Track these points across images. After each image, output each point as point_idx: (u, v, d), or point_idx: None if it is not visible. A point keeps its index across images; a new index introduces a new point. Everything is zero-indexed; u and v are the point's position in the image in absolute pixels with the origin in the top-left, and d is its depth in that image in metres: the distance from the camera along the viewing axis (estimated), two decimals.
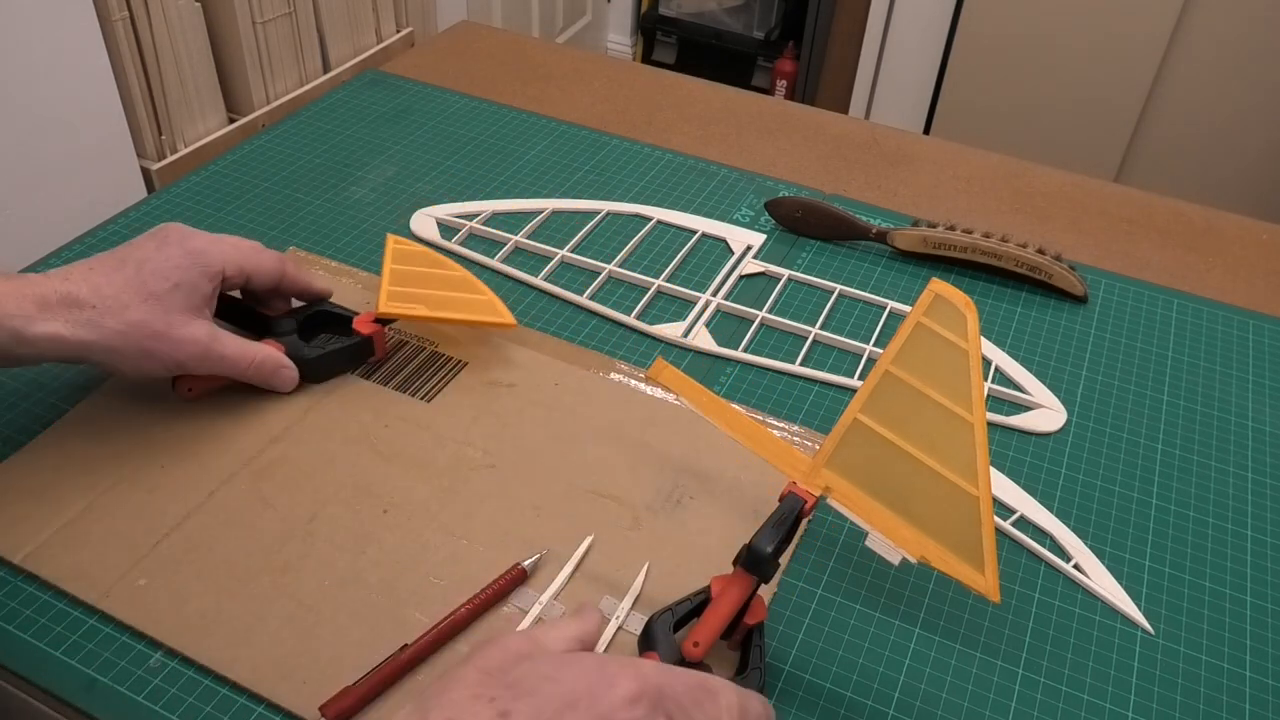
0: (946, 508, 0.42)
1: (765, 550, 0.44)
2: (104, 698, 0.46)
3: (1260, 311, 0.74)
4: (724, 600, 0.44)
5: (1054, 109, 1.99)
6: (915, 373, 0.43)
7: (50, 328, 0.47)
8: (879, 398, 0.44)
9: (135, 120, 1.05)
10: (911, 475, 0.43)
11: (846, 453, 0.45)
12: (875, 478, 0.44)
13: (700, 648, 0.43)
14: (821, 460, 0.45)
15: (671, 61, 2.61)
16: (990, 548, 0.41)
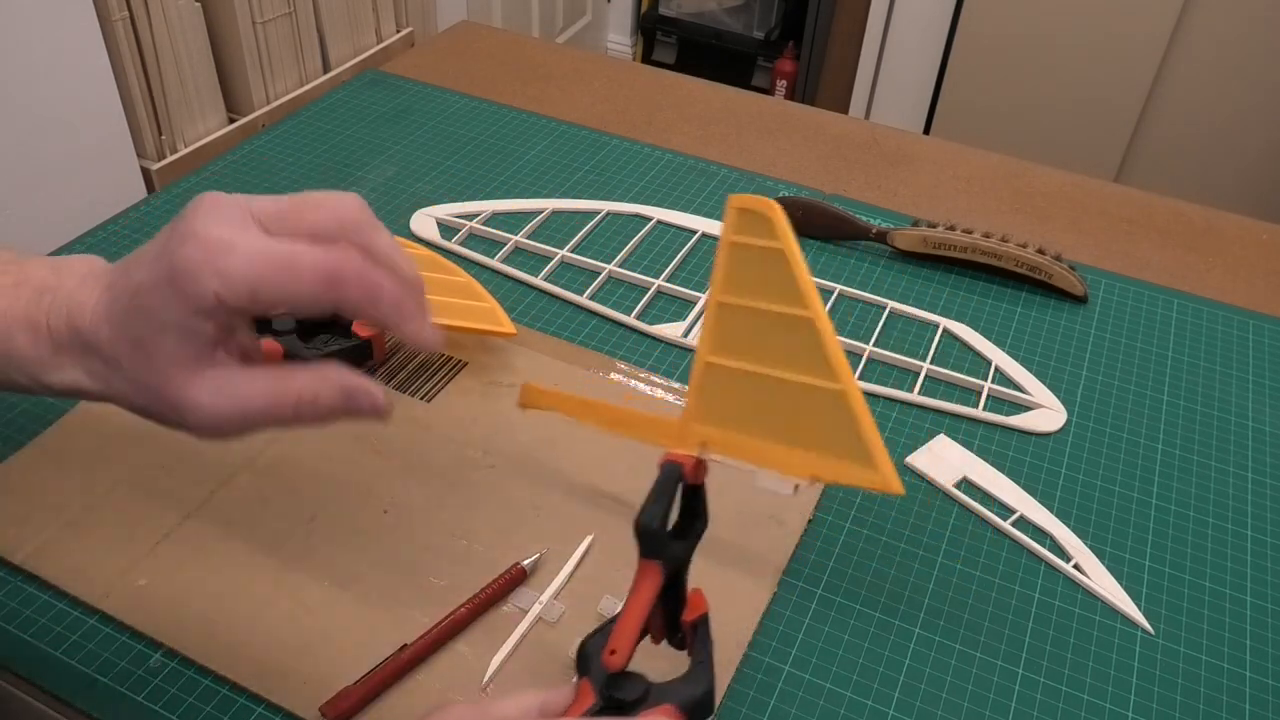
0: (819, 415, 0.39)
1: (651, 526, 0.39)
2: (104, 698, 0.46)
3: (1260, 311, 0.74)
4: (633, 597, 0.40)
5: (1054, 109, 1.99)
6: (745, 293, 0.41)
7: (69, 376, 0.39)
8: (721, 332, 0.42)
9: (135, 120, 1.05)
10: (777, 397, 0.40)
11: (709, 400, 0.42)
12: (746, 414, 0.41)
13: (618, 655, 0.39)
14: (689, 417, 0.42)
15: (671, 61, 2.61)
16: (872, 438, 0.38)
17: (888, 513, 0.56)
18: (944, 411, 0.63)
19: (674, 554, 0.41)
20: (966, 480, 0.59)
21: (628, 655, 0.39)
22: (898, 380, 0.65)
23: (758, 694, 0.47)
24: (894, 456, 0.60)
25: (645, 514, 0.40)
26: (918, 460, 0.59)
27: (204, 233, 0.37)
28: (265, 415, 0.38)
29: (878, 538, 0.55)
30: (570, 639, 0.48)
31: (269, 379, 0.38)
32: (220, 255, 0.37)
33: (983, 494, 0.58)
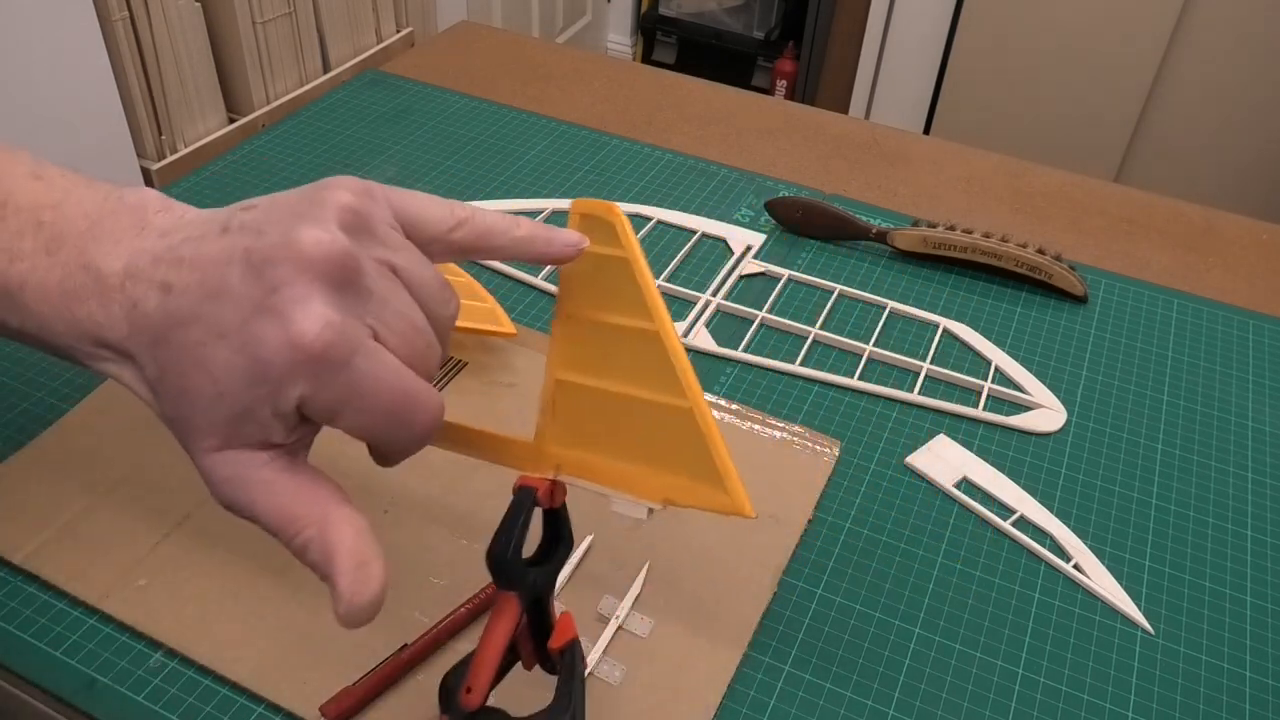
0: (669, 434, 0.37)
1: (504, 557, 0.36)
2: (104, 698, 0.46)
3: (1260, 311, 0.74)
4: (489, 632, 0.38)
5: (1054, 109, 1.99)
6: (591, 304, 0.38)
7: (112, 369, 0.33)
8: (569, 348, 0.39)
9: (135, 120, 1.05)
10: (628, 416, 0.38)
11: (562, 419, 0.39)
12: (599, 434, 0.38)
13: (475, 693, 0.37)
14: (542, 440, 0.39)
15: (671, 61, 2.61)
16: (722, 458, 0.36)
17: (888, 513, 0.57)
18: (944, 411, 0.63)
19: (533, 582, 0.38)
20: (966, 480, 0.59)
21: (485, 692, 0.37)
22: (898, 380, 0.65)
23: (758, 694, 0.47)
24: (894, 456, 0.60)
25: (497, 544, 0.37)
26: (918, 460, 0.59)
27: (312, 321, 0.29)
28: (268, 528, 0.33)
29: (878, 538, 0.55)
30: None
31: (285, 503, 0.32)
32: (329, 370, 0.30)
33: (983, 494, 0.58)
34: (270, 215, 0.31)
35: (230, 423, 0.30)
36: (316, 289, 0.30)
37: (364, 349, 0.30)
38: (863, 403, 0.64)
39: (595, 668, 0.47)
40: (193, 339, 0.30)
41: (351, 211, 0.31)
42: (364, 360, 0.30)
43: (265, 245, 0.30)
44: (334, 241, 0.30)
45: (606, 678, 0.47)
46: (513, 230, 0.36)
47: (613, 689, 0.47)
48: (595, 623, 0.49)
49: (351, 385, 0.30)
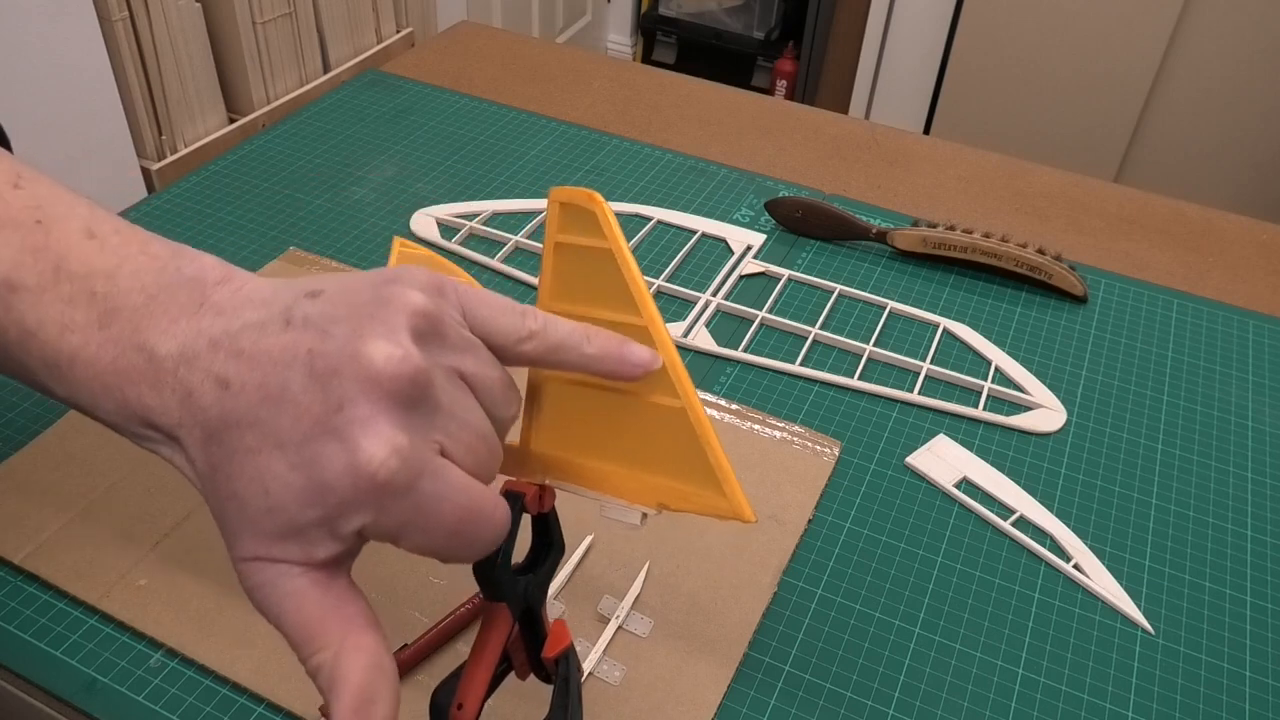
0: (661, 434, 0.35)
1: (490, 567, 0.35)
2: (104, 698, 0.46)
3: (1260, 311, 0.74)
4: (479, 645, 0.36)
5: (1054, 109, 1.99)
6: (576, 298, 0.37)
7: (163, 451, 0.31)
8: None
9: (135, 120, 1.05)
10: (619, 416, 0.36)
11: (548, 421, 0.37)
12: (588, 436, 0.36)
13: (466, 710, 0.35)
14: (528, 441, 0.38)
15: (671, 61, 2.61)
16: (719, 461, 0.34)
17: (888, 513, 0.57)
18: (944, 411, 0.63)
19: (523, 592, 0.37)
20: (966, 480, 0.59)
21: (477, 709, 0.35)
22: (898, 380, 0.65)
23: (758, 694, 0.47)
24: (894, 456, 0.60)
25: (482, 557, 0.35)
26: (918, 460, 0.59)
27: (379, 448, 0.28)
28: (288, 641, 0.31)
29: (878, 538, 0.55)
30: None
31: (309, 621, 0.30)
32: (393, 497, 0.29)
33: (983, 494, 0.58)
34: (337, 309, 0.30)
35: (277, 536, 0.29)
36: (384, 409, 0.28)
37: (429, 470, 0.29)
38: (863, 403, 0.64)
39: (595, 668, 0.47)
40: (247, 444, 0.29)
41: (423, 316, 0.30)
42: (430, 482, 0.29)
43: (331, 351, 0.29)
44: (405, 359, 0.29)
45: (606, 678, 0.47)
46: (583, 347, 0.34)
47: (613, 689, 0.47)
48: (595, 623, 0.49)
49: (416, 509, 0.29)
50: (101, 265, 0.32)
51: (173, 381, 0.30)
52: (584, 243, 0.36)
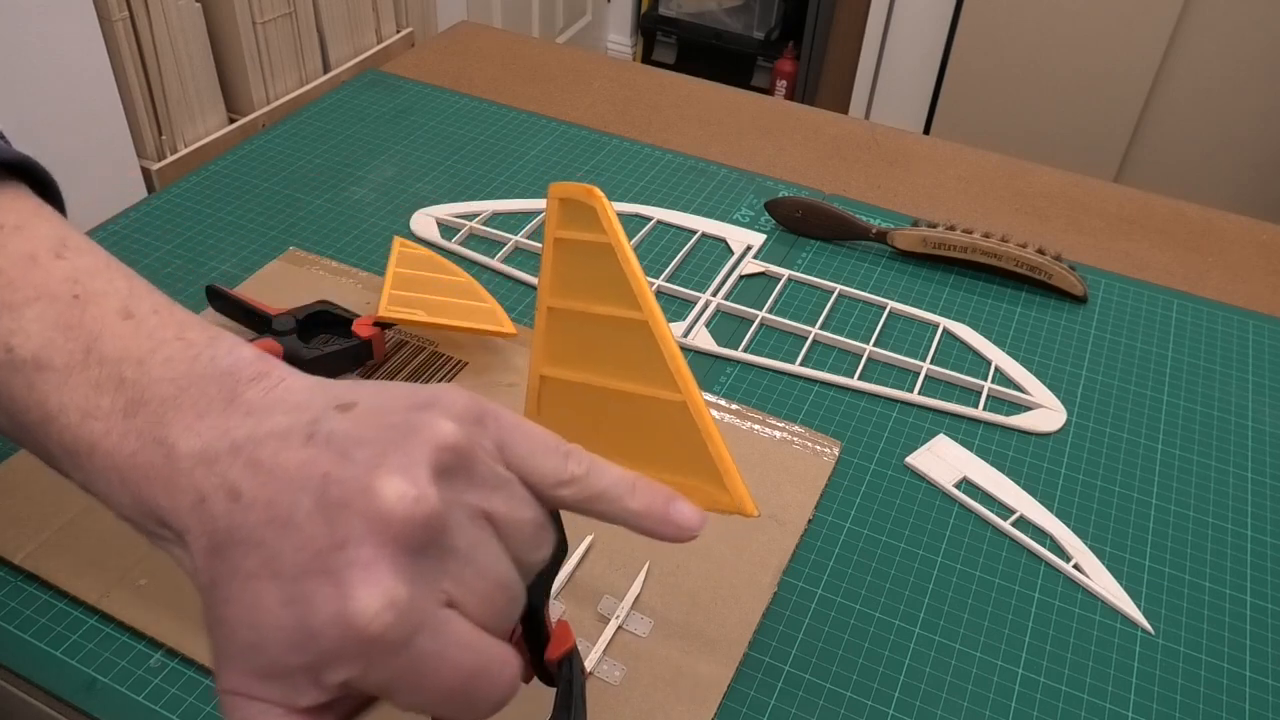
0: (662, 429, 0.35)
1: None
2: (104, 698, 0.46)
3: (1260, 311, 0.74)
4: None
5: (1054, 109, 1.99)
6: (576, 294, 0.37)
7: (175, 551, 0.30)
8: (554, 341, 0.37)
9: (135, 120, 1.05)
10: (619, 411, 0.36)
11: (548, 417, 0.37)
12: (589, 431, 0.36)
13: None
14: None
15: (671, 61, 2.61)
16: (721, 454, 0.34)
17: (888, 513, 0.57)
18: (944, 411, 0.63)
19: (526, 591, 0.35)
20: (966, 480, 0.59)
21: None
22: (898, 380, 0.65)
23: (758, 694, 0.47)
24: (894, 456, 0.60)
25: None
26: (918, 460, 0.59)
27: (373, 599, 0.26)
28: None
29: (878, 538, 0.55)
30: None
31: None
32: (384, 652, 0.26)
33: (983, 494, 0.58)
34: (364, 430, 0.28)
35: (260, 673, 0.27)
36: (387, 555, 0.26)
37: (430, 625, 0.27)
38: (863, 403, 0.64)
39: (595, 668, 0.47)
40: (247, 567, 0.27)
41: (451, 451, 0.28)
42: (429, 639, 0.27)
43: (346, 479, 0.27)
44: (420, 500, 0.26)
45: (606, 678, 0.47)
46: (626, 500, 0.32)
47: (613, 689, 0.47)
48: (595, 623, 0.49)
49: (410, 667, 0.27)
50: (135, 350, 0.30)
51: (187, 484, 0.28)
52: (584, 238, 0.36)
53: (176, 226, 0.75)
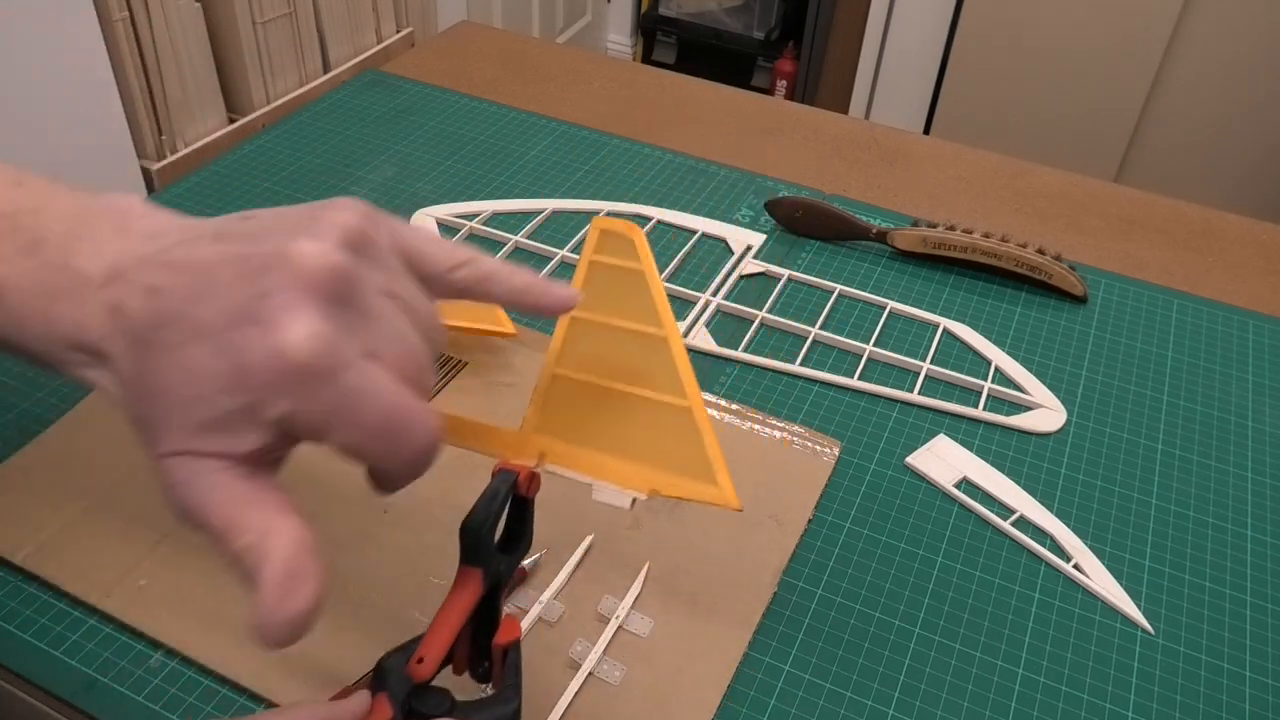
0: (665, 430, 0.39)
1: (479, 530, 0.37)
2: (104, 698, 0.46)
3: (1260, 311, 0.74)
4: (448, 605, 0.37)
5: (1054, 108, 1.99)
6: (600, 309, 0.41)
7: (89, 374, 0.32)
8: (572, 346, 0.41)
9: (135, 120, 1.05)
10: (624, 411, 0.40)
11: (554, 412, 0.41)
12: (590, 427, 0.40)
13: (426, 663, 0.36)
14: (530, 427, 0.41)
15: (671, 61, 2.61)
16: (716, 455, 0.39)
17: (888, 513, 0.57)
18: (944, 411, 0.63)
19: (497, 566, 0.38)
20: (966, 480, 0.59)
21: (436, 666, 0.36)
22: (898, 380, 0.65)
23: (758, 694, 0.47)
24: (894, 456, 0.60)
25: (473, 517, 0.37)
26: (918, 460, 0.59)
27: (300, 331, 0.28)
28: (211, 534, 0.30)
29: (878, 538, 0.55)
30: (570, 639, 0.48)
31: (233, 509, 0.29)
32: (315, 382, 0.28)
33: (983, 494, 0.58)
34: (268, 226, 0.31)
35: (201, 428, 0.29)
36: (309, 299, 0.28)
37: (355, 366, 0.29)
38: (863, 403, 0.64)
39: (595, 668, 0.47)
40: (172, 340, 0.29)
41: (355, 231, 0.31)
42: (355, 376, 0.29)
43: (260, 252, 0.29)
44: (330, 253, 0.29)
45: (606, 678, 0.47)
46: (511, 279, 0.36)
47: (613, 689, 0.47)
48: (595, 623, 0.49)
49: (339, 400, 0.29)
50: (28, 204, 0.33)
51: (100, 296, 0.30)
52: (617, 263, 0.42)
53: None
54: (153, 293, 0.30)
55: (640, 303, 0.41)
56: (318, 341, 0.28)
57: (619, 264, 0.41)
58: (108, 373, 0.31)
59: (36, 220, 0.32)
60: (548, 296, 0.37)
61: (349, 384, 0.29)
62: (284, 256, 0.29)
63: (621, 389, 0.40)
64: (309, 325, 0.28)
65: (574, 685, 0.46)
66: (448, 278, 0.35)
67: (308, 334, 0.28)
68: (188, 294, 0.29)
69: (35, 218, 0.32)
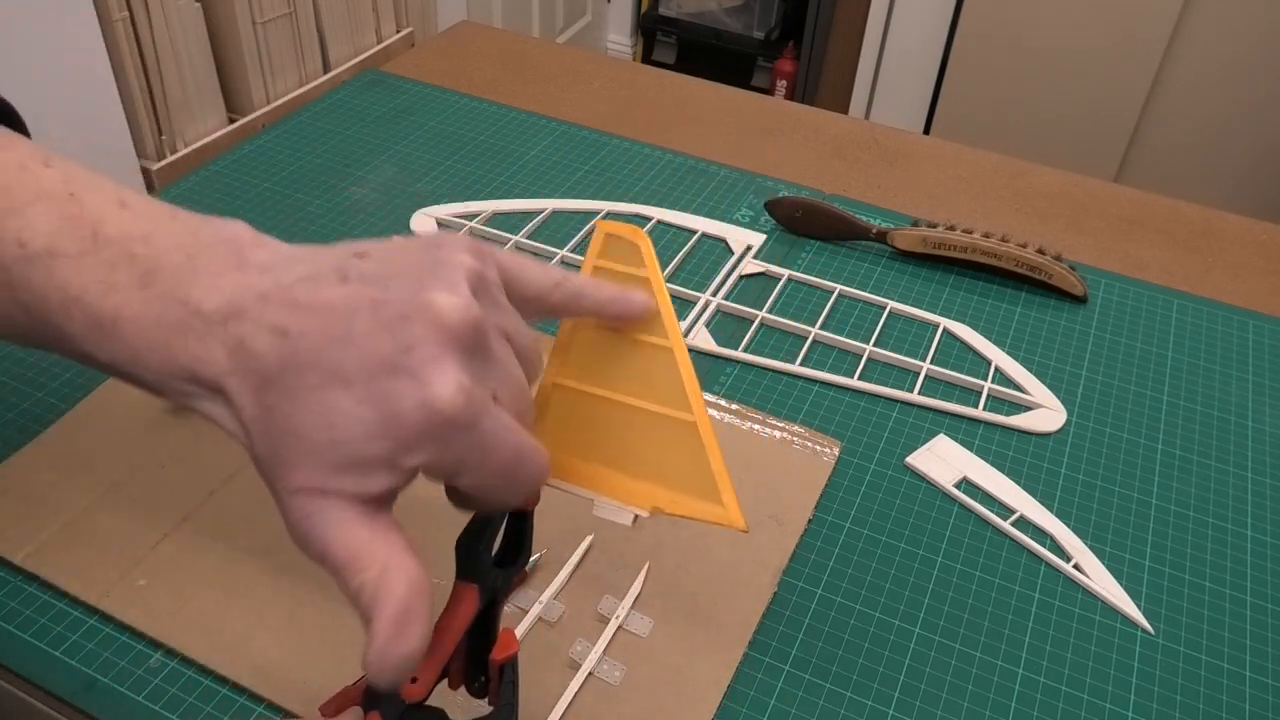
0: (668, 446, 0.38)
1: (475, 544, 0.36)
2: (104, 698, 0.46)
3: (1260, 311, 0.74)
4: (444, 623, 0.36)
5: (1054, 108, 1.99)
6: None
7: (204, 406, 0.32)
8: (572, 355, 0.40)
9: (135, 120, 1.05)
10: (626, 424, 0.39)
11: (552, 423, 0.40)
12: (591, 440, 0.39)
13: (421, 684, 0.35)
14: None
15: (671, 61, 2.61)
16: (721, 473, 0.37)
17: (888, 513, 0.57)
18: (944, 411, 0.63)
19: (494, 581, 0.37)
20: (966, 480, 0.59)
21: (430, 687, 0.35)
22: (898, 380, 0.65)
23: (758, 694, 0.47)
24: (894, 456, 0.60)
25: (469, 531, 0.37)
26: (918, 460, 0.59)
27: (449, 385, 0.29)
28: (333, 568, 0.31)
29: (878, 538, 0.55)
30: (570, 639, 0.48)
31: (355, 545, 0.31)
32: (458, 433, 0.30)
33: (983, 494, 0.58)
34: (390, 269, 0.31)
35: (337, 469, 0.30)
36: (450, 352, 0.30)
37: (488, 410, 0.31)
38: (863, 403, 0.64)
39: (595, 668, 0.47)
40: (310, 382, 0.29)
41: (475, 275, 0.32)
42: (489, 422, 0.31)
43: (396, 300, 0.30)
44: (469, 307, 0.30)
45: (606, 678, 0.47)
46: (598, 293, 0.38)
47: (613, 689, 0.47)
48: (595, 623, 0.49)
49: (476, 446, 0.31)
50: (137, 230, 0.32)
51: (221, 332, 0.30)
52: (621, 269, 0.40)
53: None
54: (280, 334, 0.30)
55: None
56: (463, 396, 0.29)
57: (624, 270, 0.40)
58: (226, 409, 0.31)
59: (149, 248, 0.32)
60: (631, 305, 0.38)
61: (484, 430, 0.30)
62: (424, 308, 0.30)
63: (624, 401, 0.39)
64: (456, 379, 0.29)
65: (574, 685, 0.46)
66: (547, 299, 0.36)
67: (455, 388, 0.29)
68: (322, 339, 0.30)
69: (147, 245, 0.32)
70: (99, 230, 0.32)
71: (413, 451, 0.30)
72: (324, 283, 0.31)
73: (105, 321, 0.31)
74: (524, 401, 0.33)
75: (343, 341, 0.29)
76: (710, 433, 0.38)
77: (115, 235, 0.32)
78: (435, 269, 0.31)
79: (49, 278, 0.31)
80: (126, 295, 0.31)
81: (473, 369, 0.30)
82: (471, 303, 0.31)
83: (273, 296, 0.30)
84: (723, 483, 0.37)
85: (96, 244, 0.32)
